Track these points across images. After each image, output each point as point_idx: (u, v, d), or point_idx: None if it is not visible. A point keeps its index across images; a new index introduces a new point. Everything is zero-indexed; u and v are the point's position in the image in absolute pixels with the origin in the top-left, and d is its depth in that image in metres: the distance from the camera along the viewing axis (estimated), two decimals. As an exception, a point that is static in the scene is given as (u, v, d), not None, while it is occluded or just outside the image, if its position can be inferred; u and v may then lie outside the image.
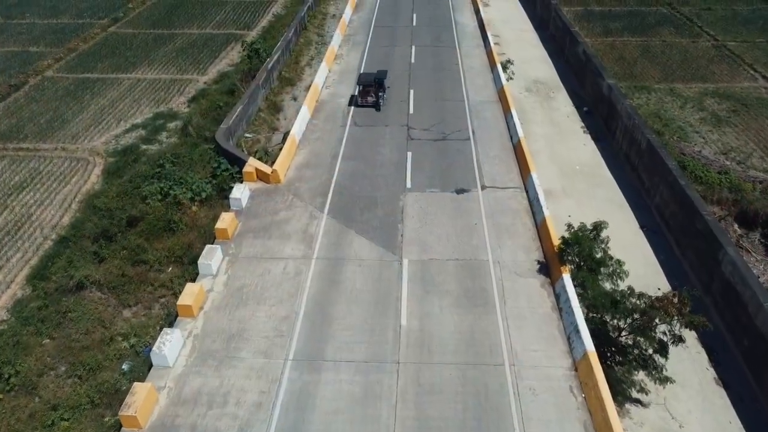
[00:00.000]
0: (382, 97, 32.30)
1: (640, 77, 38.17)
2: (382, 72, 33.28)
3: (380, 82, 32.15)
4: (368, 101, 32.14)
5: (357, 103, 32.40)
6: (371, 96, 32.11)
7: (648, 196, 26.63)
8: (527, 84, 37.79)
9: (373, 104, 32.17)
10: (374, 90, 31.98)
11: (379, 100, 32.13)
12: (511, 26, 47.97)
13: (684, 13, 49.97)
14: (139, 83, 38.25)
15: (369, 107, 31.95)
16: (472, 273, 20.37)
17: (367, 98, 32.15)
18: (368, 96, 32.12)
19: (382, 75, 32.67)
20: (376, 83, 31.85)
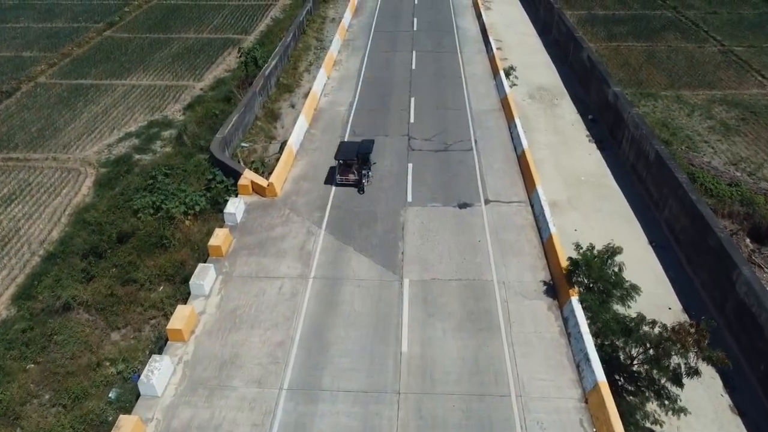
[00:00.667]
0: (366, 175, 25.55)
1: (646, 84, 37.33)
2: (368, 143, 26.35)
3: (365, 156, 25.43)
4: (349, 179, 25.53)
5: (335, 182, 25.61)
6: (353, 173, 25.53)
7: (656, 210, 25.76)
8: (530, 90, 36.94)
9: (355, 183, 25.48)
10: (357, 166, 25.38)
11: (363, 179, 25.32)
12: (514, 30, 47.12)
13: (689, 17, 49.15)
14: (133, 90, 37.40)
15: (350, 186, 25.45)
16: (476, 294, 19.50)
17: (347, 176, 25.55)
18: (349, 173, 25.60)
19: (366, 147, 25.83)
20: (359, 158, 25.23)
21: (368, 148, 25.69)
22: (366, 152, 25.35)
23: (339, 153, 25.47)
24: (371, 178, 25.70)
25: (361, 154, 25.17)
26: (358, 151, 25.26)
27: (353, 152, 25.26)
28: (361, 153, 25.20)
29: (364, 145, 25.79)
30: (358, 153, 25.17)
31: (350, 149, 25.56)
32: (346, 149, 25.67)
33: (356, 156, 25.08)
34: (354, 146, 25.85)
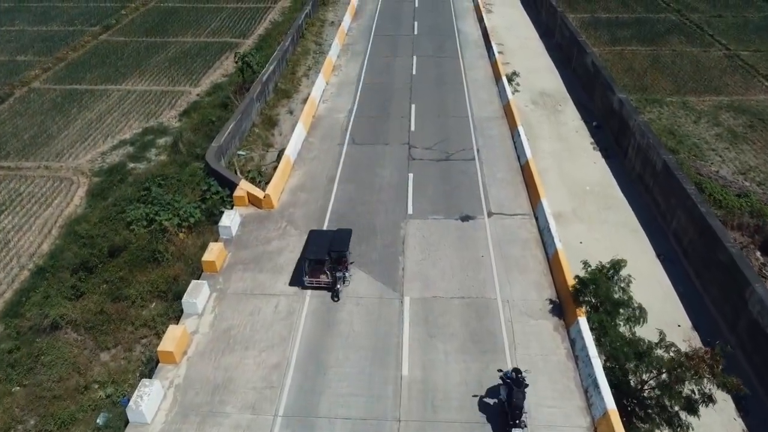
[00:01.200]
0: (342, 278, 19.83)
1: (651, 89, 36.59)
2: (343, 234, 20.57)
3: (339, 255, 19.87)
4: (321, 281, 19.89)
5: (303, 284, 20.02)
6: (324, 274, 19.84)
7: (664, 221, 25.06)
8: (533, 96, 36.25)
9: (328, 287, 19.91)
10: (329, 267, 19.80)
11: (339, 282, 19.71)
12: (516, 34, 46.42)
13: (693, 20, 48.39)
14: (128, 95, 36.70)
15: (323, 289, 19.97)
16: (479, 313, 18.80)
17: (319, 276, 19.88)
18: (320, 274, 19.88)
19: (341, 243, 20.10)
20: (331, 258, 19.75)
21: (344, 241, 20.11)
22: (341, 251, 19.79)
23: (307, 249, 20.15)
24: (349, 279, 20.11)
25: (335, 253, 19.71)
26: (330, 247, 19.78)
27: (324, 249, 19.70)
28: (335, 251, 19.71)
29: (338, 240, 20.12)
30: (330, 251, 19.70)
31: (320, 246, 19.86)
32: (315, 245, 19.95)
33: (327, 254, 19.60)
34: (326, 239, 20.15)
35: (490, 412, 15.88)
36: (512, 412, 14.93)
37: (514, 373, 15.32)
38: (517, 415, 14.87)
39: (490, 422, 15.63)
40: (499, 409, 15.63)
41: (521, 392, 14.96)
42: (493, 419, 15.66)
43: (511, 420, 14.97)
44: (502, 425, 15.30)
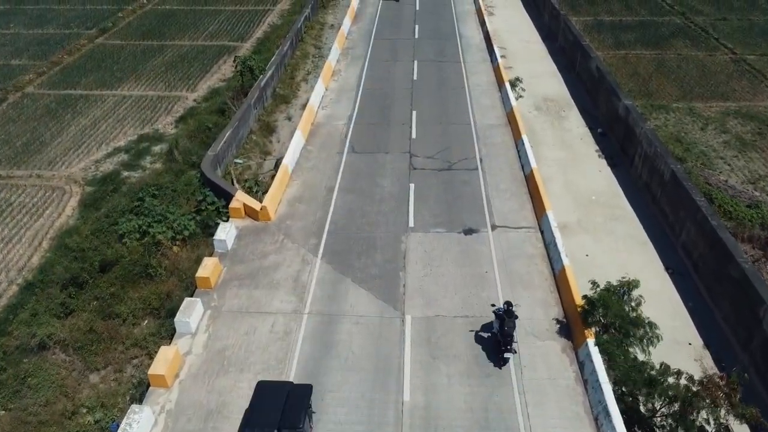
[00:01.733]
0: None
1: (656, 95, 35.88)
2: (300, 394, 14.91)
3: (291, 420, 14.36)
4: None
5: None
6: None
7: (672, 233, 24.34)
8: (536, 102, 35.54)
9: None
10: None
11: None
12: (518, 37, 45.72)
13: (698, 23, 47.68)
14: (124, 101, 35.98)
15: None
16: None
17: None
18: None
19: (294, 413, 14.46)
20: None
21: (298, 411, 14.46)
22: (295, 416, 14.34)
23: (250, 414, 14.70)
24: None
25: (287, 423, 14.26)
26: (282, 419, 14.32)
27: (271, 421, 14.27)
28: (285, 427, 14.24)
29: (292, 406, 14.57)
30: (284, 414, 14.38)
31: (269, 409, 14.51)
32: (260, 410, 14.62)
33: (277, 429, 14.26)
34: (275, 404, 14.58)
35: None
36: (504, 340, 16.90)
37: (505, 305, 17.35)
38: (508, 341, 16.85)
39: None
40: (493, 340, 17.65)
41: (512, 322, 16.99)
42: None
43: (503, 346, 16.92)
44: (496, 352, 17.27)
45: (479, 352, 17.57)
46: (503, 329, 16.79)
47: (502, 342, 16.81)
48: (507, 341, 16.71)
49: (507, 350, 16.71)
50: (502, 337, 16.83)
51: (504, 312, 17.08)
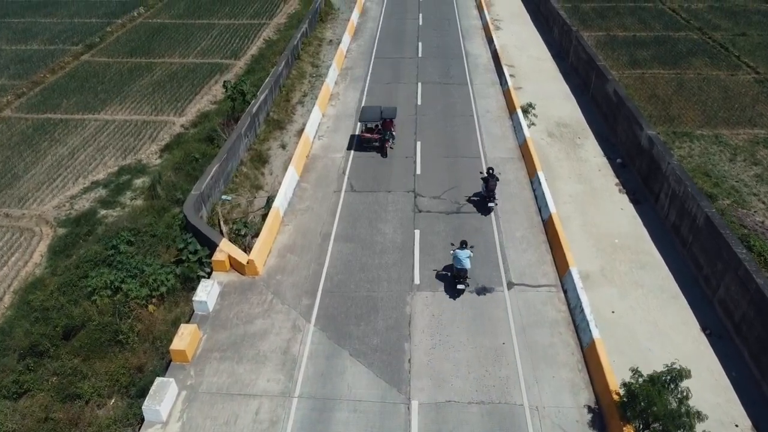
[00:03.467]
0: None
1: (678, 120, 33.31)
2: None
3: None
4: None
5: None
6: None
7: (708, 287, 21.75)
8: (549, 127, 33.03)
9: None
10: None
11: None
12: (527, 54, 43.23)
13: (716, 39, 45.10)
14: (106, 126, 33.49)
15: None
16: (503, 425, 15.51)
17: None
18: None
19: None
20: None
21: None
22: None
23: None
24: None
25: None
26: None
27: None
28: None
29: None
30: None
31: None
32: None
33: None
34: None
35: None
36: (489, 195, 24.41)
37: (489, 170, 24.75)
38: (492, 195, 24.35)
39: None
40: (481, 197, 24.92)
41: (493, 182, 24.30)
42: None
43: (488, 200, 24.39)
44: (483, 206, 24.65)
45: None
46: (487, 186, 24.30)
47: (487, 197, 24.35)
48: (491, 195, 24.36)
49: (491, 201, 24.34)
50: (487, 192, 24.36)
51: (488, 176, 24.43)
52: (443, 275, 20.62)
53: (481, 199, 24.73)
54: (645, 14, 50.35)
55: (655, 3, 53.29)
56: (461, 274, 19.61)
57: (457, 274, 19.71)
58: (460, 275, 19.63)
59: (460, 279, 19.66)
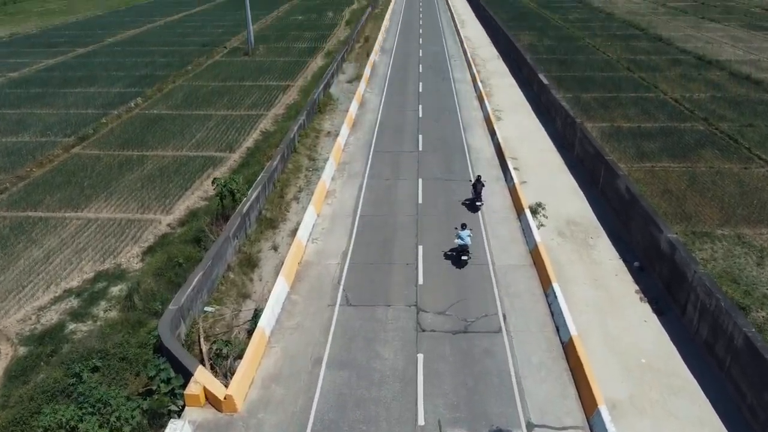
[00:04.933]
0: None
1: (695, 219, 31.35)
2: None
3: None
4: None
5: None
6: None
7: (754, 419, 18.90)
8: (559, 225, 31.03)
9: None
10: None
11: None
12: (530, 145, 42.04)
13: (724, 130, 44.07)
14: (88, 225, 31.51)
15: None
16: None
17: None
18: None
19: None
20: None
21: None
22: None
23: None
24: None
25: None
26: None
27: None
28: None
29: None
30: None
31: None
32: None
33: None
34: None
35: None
36: (477, 197, 30.96)
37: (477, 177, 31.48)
38: (479, 196, 30.84)
39: None
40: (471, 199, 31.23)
41: (480, 186, 30.74)
42: None
43: (477, 201, 30.84)
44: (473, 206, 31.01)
45: None
46: (476, 191, 30.48)
47: (476, 199, 30.50)
48: (478, 197, 30.48)
49: (478, 200, 30.54)
50: (476, 195, 30.48)
51: (476, 182, 30.40)
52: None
53: (471, 201, 31.35)
54: (648, 104, 49.77)
55: (656, 93, 52.96)
56: (464, 248, 25.80)
57: (461, 249, 25.88)
58: (463, 250, 25.91)
59: (463, 253, 25.89)
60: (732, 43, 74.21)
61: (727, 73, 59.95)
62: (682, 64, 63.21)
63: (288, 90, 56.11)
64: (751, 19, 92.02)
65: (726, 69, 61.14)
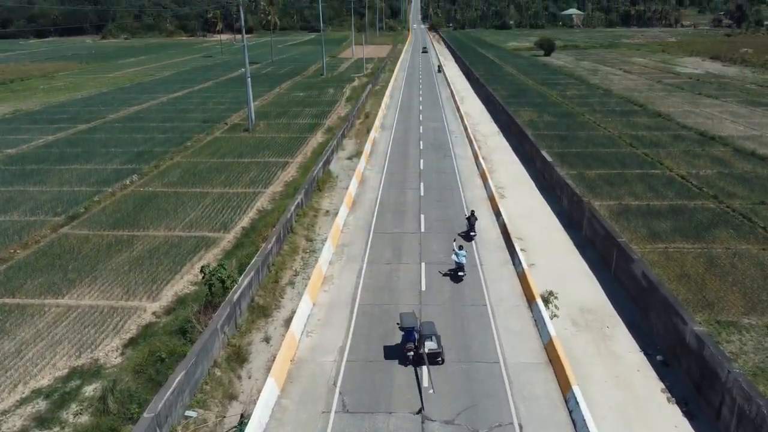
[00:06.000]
0: None
1: (718, 306, 29.28)
2: None
3: None
4: None
5: None
6: None
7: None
8: (572, 313, 28.90)
9: None
10: None
11: None
12: (536, 224, 40.45)
13: (736, 208, 42.61)
14: (67, 314, 29.43)
15: None
16: None
17: None
18: None
19: None
20: None
21: None
22: None
23: None
24: None
25: None
26: None
27: None
28: None
29: None
30: None
31: None
32: None
33: None
34: None
35: None
36: (471, 228, 36.84)
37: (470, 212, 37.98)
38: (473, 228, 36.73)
39: None
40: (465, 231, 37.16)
41: (473, 219, 36.83)
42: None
43: (470, 232, 36.72)
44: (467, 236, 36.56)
45: None
46: (470, 223, 36.42)
47: (470, 230, 36.26)
48: (472, 228, 36.28)
49: (471, 231, 36.33)
50: (470, 227, 36.27)
51: (470, 215, 36.43)
52: (448, 274, 31.53)
53: (466, 233, 36.64)
54: (654, 181, 48.67)
55: (662, 170, 52.03)
56: (461, 267, 30.78)
57: (457, 267, 30.82)
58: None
59: (460, 270, 30.88)
60: (732, 119, 74.34)
61: (731, 149, 59.38)
62: (684, 140, 62.80)
63: (287, 166, 55.30)
64: (748, 95, 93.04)
65: (729, 145, 60.64)
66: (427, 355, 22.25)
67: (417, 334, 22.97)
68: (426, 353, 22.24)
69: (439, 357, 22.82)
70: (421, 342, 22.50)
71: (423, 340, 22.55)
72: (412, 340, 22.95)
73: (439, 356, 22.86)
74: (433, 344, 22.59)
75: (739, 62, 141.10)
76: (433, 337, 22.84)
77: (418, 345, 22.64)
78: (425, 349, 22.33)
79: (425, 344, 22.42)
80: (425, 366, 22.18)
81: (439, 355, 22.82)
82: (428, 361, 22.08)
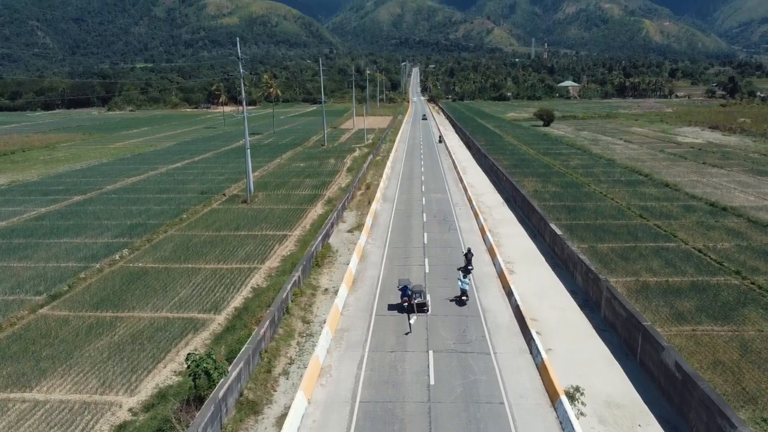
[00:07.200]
0: None
1: (762, 400, 26.25)
2: None
3: None
4: None
5: None
6: None
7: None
8: (598, 409, 25.79)
9: None
10: None
11: None
12: (549, 303, 37.65)
13: (762, 285, 39.93)
14: (33, 411, 26.35)
15: None
16: None
17: None
18: None
19: None
20: None
21: None
22: None
23: None
24: None
25: None
26: None
27: None
28: None
29: None
30: None
31: None
32: None
33: None
34: None
35: None
36: (468, 263, 39.82)
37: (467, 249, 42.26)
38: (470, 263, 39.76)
39: None
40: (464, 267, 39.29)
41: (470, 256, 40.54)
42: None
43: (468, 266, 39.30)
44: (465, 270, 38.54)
45: None
46: (467, 258, 40.17)
47: (467, 264, 39.44)
48: (470, 262, 39.78)
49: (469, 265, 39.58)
50: (467, 262, 39.70)
51: (467, 252, 40.83)
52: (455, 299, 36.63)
53: (464, 267, 39.05)
54: (670, 255, 46.15)
55: (677, 242, 49.64)
56: (464, 292, 35.92)
57: (462, 293, 35.84)
58: (464, 293, 36.22)
59: (463, 296, 35.98)
60: (741, 189, 72.72)
61: (744, 219, 57.26)
62: (695, 211, 60.79)
63: (285, 240, 52.98)
64: (753, 164, 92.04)
65: (743, 216, 58.56)
66: (416, 305, 34.09)
67: (410, 291, 34.33)
68: (415, 303, 34.05)
69: (425, 306, 34.75)
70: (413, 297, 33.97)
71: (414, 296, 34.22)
72: (407, 295, 34.21)
73: (425, 306, 34.81)
74: (421, 299, 34.40)
75: (739, 131, 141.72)
76: (421, 294, 34.69)
77: (411, 298, 34.21)
78: (415, 301, 34.03)
79: (416, 299, 34.18)
80: (414, 314, 33.70)
81: (425, 305, 34.83)
82: (417, 310, 34.03)
